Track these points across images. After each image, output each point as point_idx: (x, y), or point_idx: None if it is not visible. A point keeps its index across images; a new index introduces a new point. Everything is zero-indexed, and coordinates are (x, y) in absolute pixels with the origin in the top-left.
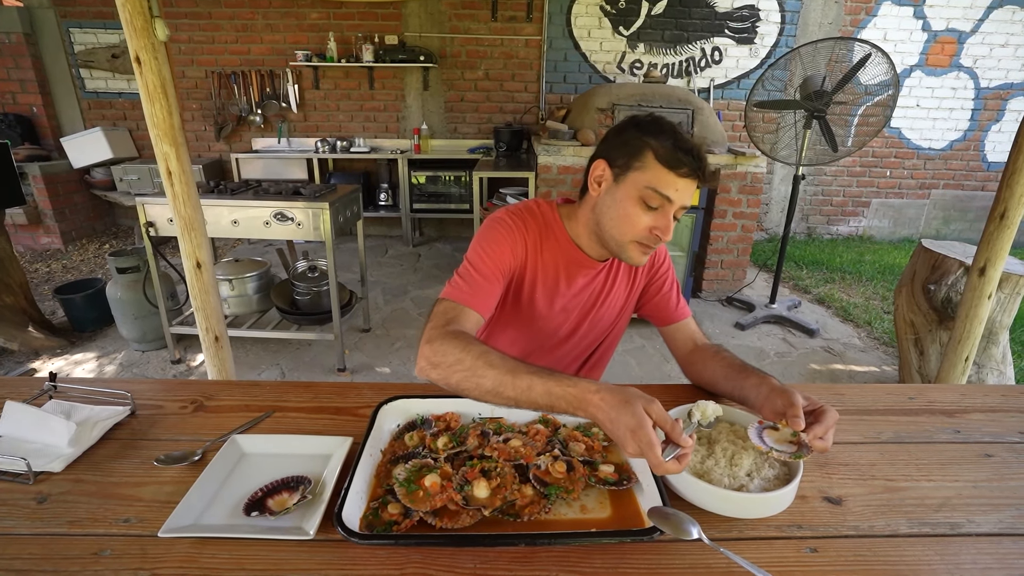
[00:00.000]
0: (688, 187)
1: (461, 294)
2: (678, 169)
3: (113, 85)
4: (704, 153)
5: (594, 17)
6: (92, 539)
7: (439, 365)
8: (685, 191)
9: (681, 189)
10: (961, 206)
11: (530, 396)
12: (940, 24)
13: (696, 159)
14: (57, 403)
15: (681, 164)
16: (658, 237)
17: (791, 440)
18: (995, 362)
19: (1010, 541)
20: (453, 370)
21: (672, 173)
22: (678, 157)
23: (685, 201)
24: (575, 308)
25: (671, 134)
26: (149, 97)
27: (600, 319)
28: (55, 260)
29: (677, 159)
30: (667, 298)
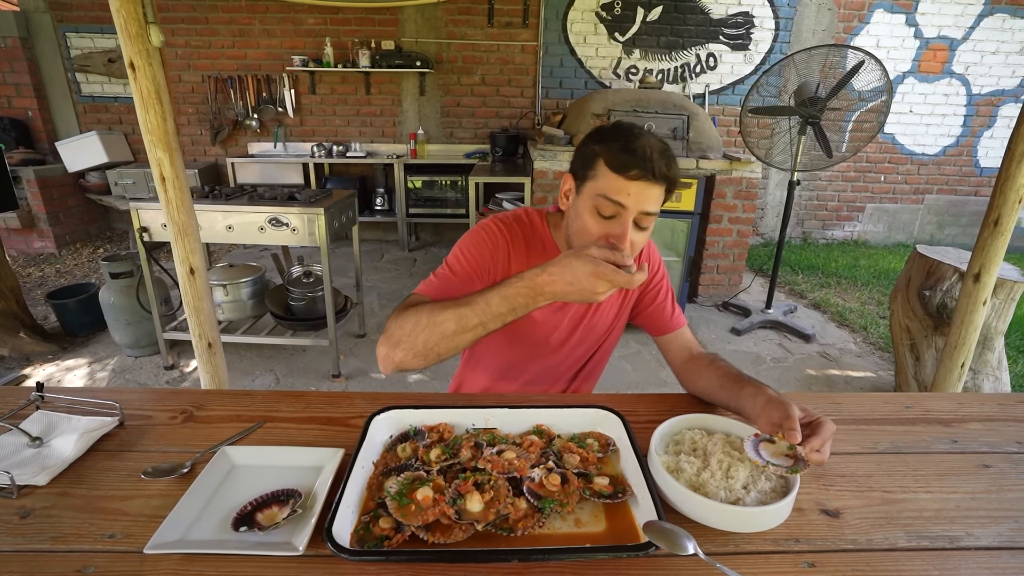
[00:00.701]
0: (643, 191)
1: (429, 288)
2: (627, 172)
3: (109, 89)
4: (658, 153)
5: (590, 23)
6: (76, 556)
7: (400, 341)
8: (640, 195)
9: (634, 194)
10: (955, 211)
11: (491, 311)
12: (932, 31)
13: (645, 160)
14: (43, 413)
15: (629, 167)
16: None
17: (787, 453)
18: (991, 368)
19: (1009, 555)
20: (415, 335)
21: (621, 178)
22: (625, 160)
23: (643, 206)
24: (565, 317)
25: (623, 137)
26: (143, 103)
27: (593, 328)
28: (48, 264)
29: (624, 162)
30: (662, 308)
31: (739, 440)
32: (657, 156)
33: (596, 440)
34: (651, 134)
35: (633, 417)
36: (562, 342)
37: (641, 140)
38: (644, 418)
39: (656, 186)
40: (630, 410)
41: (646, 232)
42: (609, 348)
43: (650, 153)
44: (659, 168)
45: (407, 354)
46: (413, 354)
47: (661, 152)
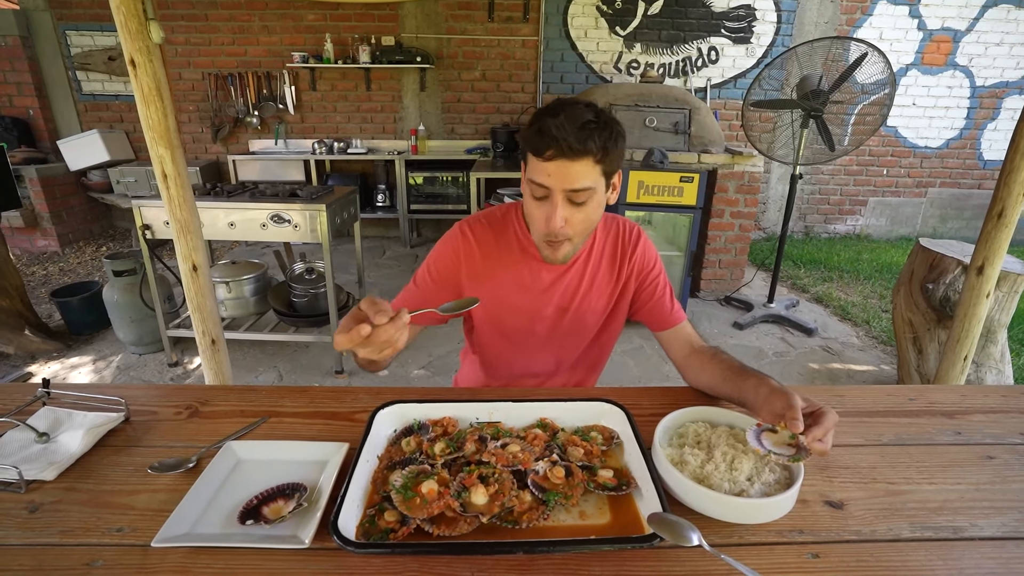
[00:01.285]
0: (562, 169)
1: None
2: (543, 154)
3: (110, 87)
4: (575, 127)
5: (591, 17)
6: (84, 549)
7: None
8: (560, 174)
9: (554, 174)
10: (958, 204)
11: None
12: (935, 23)
13: (556, 139)
14: (50, 409)
15: (542, 148)
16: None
17: (790, 443)
18: (994, 360)
19: (1013, 545)
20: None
21: (539, 160)
22: (537, 143)
23: (567, 184)
24: (547, 307)
25: (540, 118)
26: (144, 100)
27: (580, 318)
28: (52, 263)
29: (537, 145)
30: (660, 303)
31: (743, 432)
32: (571, 131)
33: (600, 433)
34: (579, 106)
35: (636, 410)
36: (549, 333)
37: (556, 118)
38: (647, 411)
39: (576, 162)
40: (633, 403)
41: (585, 207)
42: (607, 342)
43: (560, 131)
44: (572, 144)
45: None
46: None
47: (581, 126)
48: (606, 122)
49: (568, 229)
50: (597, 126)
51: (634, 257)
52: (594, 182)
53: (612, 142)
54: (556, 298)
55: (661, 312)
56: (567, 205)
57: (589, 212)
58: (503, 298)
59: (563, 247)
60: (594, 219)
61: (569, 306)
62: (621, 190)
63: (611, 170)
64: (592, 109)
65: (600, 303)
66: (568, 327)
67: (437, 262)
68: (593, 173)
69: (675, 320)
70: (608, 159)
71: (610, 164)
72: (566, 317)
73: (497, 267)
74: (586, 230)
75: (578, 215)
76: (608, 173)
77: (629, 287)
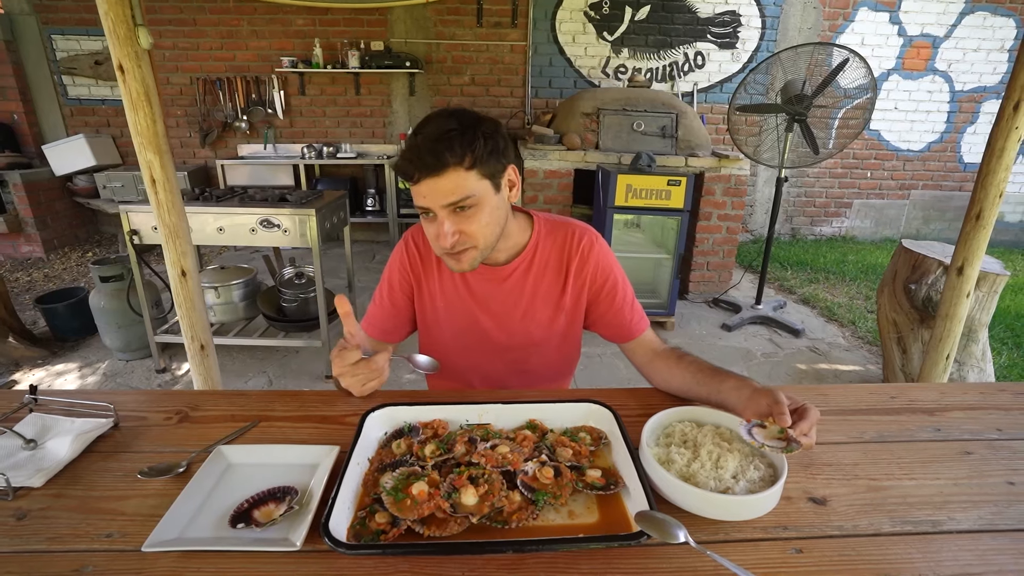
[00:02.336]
0: (431, 187)
1: (364, 323)
2: (411, 178)
3: (96, 92)
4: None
5: (578, 23)
6: (73, 555)
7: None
8: (431, 193)
9: (426, 194)
10: (940, 206)
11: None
12: (915, 29)
13: (413, 161)
14: (37, 416)
15: (408, 173)
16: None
17: (779, 436)
18: (975, 359)
19: (989, 537)
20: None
21: (411, 185)
22: (403, 170)
23: (441, 200)
24: (484, 316)
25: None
26: (132, 105)
27: (524, 328)
28: (36, 269)
29: (404, 172)
30: (619, 314)
31: (728, 431)
32: (427, 149)
33: (588, 434)
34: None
35: (624, 411)
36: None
37: (413, 141)
38: (635, 412)
39: (443, 176)
40: (621, 404)
41: (474, 214)
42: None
43: (417, 152)
44: (428, 161)
45: None
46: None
47: (437, 139)
48: (470, 125)
49: (465, 239)
50: (458, 133)
51: (585, 267)
52: (472, 190)
53: (480, 144)
54: (495, 307)
55: (620, 323)
56: (454, 218)
57: (483, 218)
58: (441, 305)
59: (466, 256)
60: (494, 223)
61: (512, 314)
62: (609, 193)
63: (493, 171)
64: (456, 116)
65: (545, 313)
66: (512, 337)
67: (390, 275)
68: (468, 181)
69: (636, 331)
70: (481, 162)
71: (488, 166)
72: (510, 326)
73: (436, 277)
74: (489, 235)
75: (471, 225)
76: (490, 175)
77: (581, 298)
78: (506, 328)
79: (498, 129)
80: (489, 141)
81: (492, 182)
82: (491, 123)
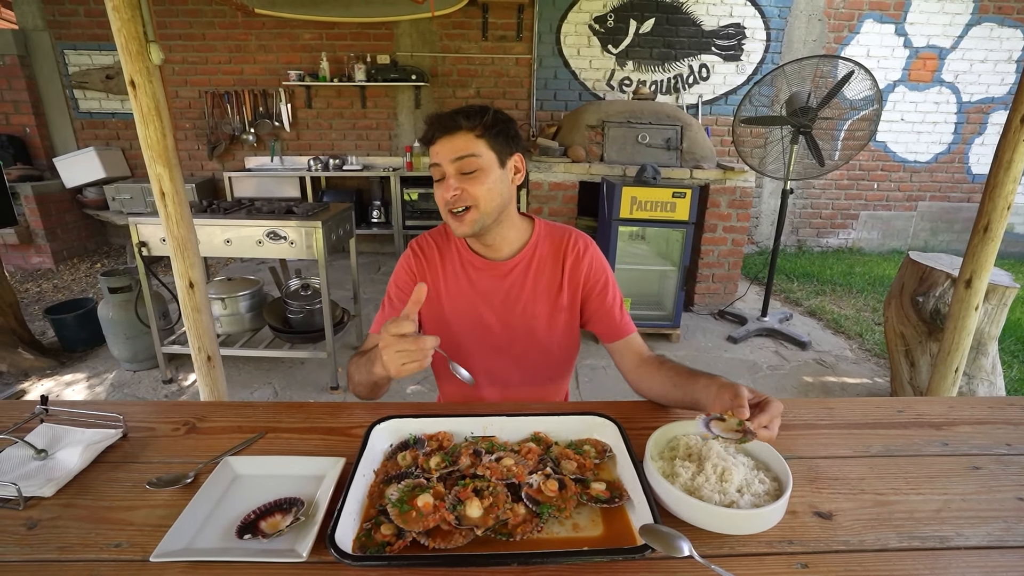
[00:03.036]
0: (445, 145)
1: (374, 325)
2: (430, 141)
3: (107, 105)
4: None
5: (583, 36)
6: (83, 565)
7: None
8: (444, 149)
9: (440, 151)
10: (948, 217)
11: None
12: (921, 41)
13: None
14: (48, 426)
15: (427, 135)
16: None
17: (737, 428)
18: (985, 372)
19: (998, 554)
20: (356, 380)
21: (429, 147)
22: (424, 133)
23: (451, 154)
24: (490, 312)
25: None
26: (143, 119)
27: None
28: (46, 280)
29: (425, 135)
30: (610, 312)
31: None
32: (447, 115)
33: (593, 446)
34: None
35: (629, 424)
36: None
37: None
38: (639, 425)
39: (457, 137)
40: (626, 417)
41: (477, 177)
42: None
43: (438, 117)
44: (446, 122)
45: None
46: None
47: (457, 110)
48: (487, 108)
49: (466, 196)
50: (476, 109)
51: (580, 265)
52: (478, 151)
53: (491, 122)
54: (497, 301)
55: (611, 321)
56: (460, 177)
57: (485, 182)
58: (449, 307)
59: (467, 217)
60: (495, 192)
61: (513, 309)
62: (614, 205)
63: (501, 148)
64: (479, 105)
65: (544, 308)
66: (513, 331)
67: (397, 281)
68: (476, 145)
69: (624, 331)
70: (491, 136)
71: (496, 141)
72: (512, 321)
73: (441, 278)
74: (490, 201)
75: (473, 185)
76: (497, 150)
77: (576, 295)
78: (508, 322)
79: (512, 121)
80: (500, 123)
81: (499, 157)
82: (507, 117)
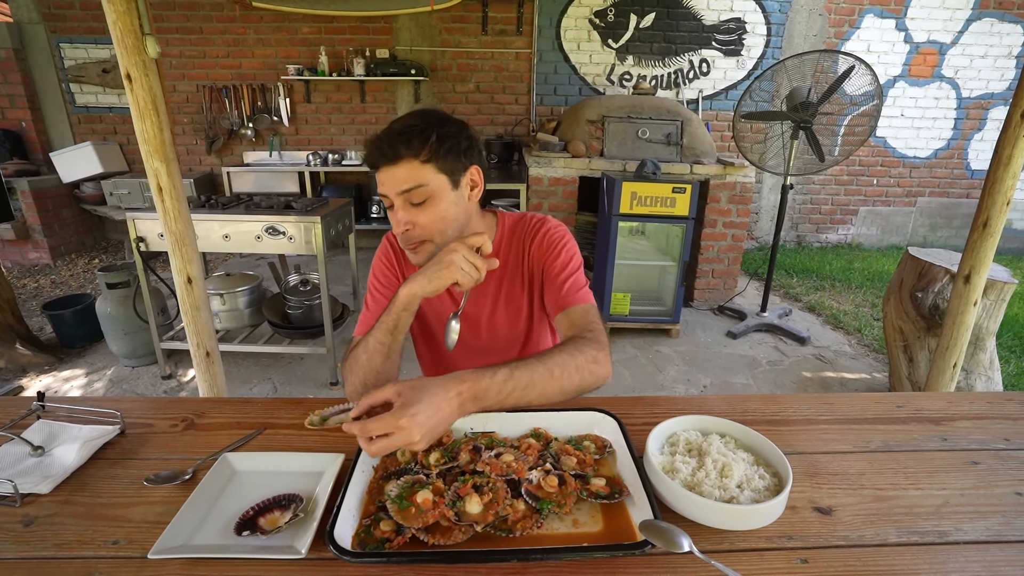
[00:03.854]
0: (388, 175)
1: (359, 330)
2: (372, 166)
3: (103, 100)
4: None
5: (583, 30)
6: (80, 562)
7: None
8: (388, 181)
9: (384, 181)
10: (947, 213)
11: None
12: (922, 36)
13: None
14: (45, 423)
15: (369, 161)
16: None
17: None
18: (983, 368)
19: (996, 548)
20: (363, 362)
21: (375, 172)
22: (366, 159)
23: (396, 187)
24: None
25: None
26: (140, 114)
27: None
28: (43, 275)
29: (367, 160)
30: (554, 281)
31: (734, 440)
32: (386, 139)
33: (593, 442)
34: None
35: (629, 420)
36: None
37: (378, 134)
38: (640, 420)
39: (400, 166)
40: (626, 413)
41: (428, 208)
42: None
43: (378, 142)
44: (386, 150)
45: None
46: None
47: (399, 132)
48: (433, 123)
49: (418, 231)
50: (419, 129)
51: (532, 245)
52: (425, 180)
53: (438, 141)
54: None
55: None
56: (408, 208)
57: (437, 211)
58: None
59: (422, 249)
60: (449, 218)
61: (490, 313)
62: (614, 201)
63: (452, 168)
64: (422, 115)
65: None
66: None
67: (377, 277)
68: (422, 173)
69: (565, 303)
70: (438, 158)
71: (445, 162)
72: (487, 324)
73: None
74: (444, 229)
75: (423, 216)
76: (448, 171)
77: (536, 278)
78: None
79: (463, 130)
80: (449, 139)
81: (450, 178)
82: (456, 123)
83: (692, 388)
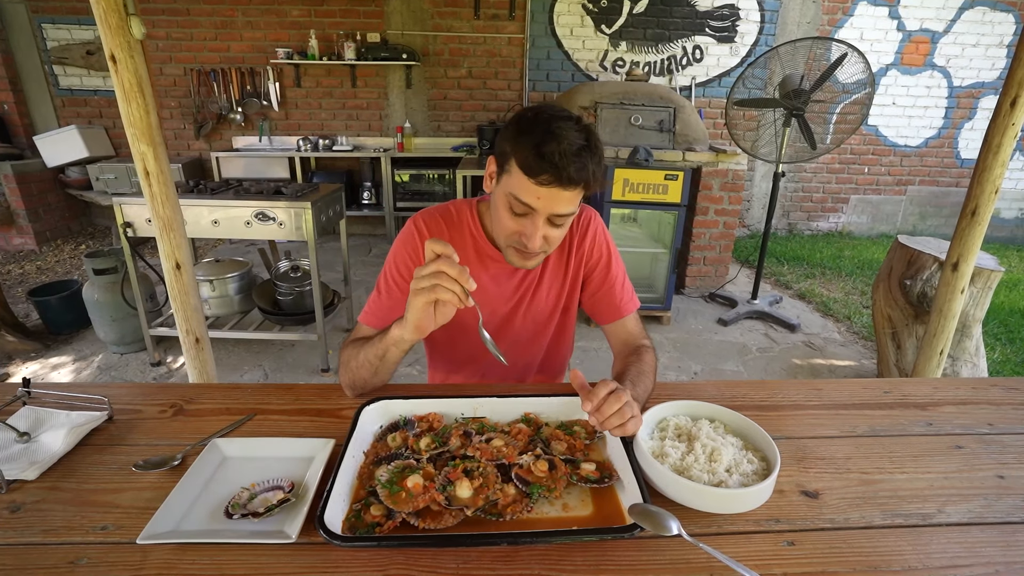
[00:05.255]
0: (553, 195)
1: (364, 316)
2: (537, 177)
3: (88, 82)
4: (573, 155)
5: (576, 15)
6: (68, 548)
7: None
8: (550, 200)
9: (544, 198)
10: (937, 202)
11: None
12: (914, 24)
13: (556, 166)
14: (31, 409)
15: (539, 172)
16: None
17: None
18: (969, 355)
19: (978, 530)
20: (353, 368)
21: (532, 182)
22: (535, 165)
23: (554, 209)
24: (502, 305)
25: (537, 136)
26: (125, 96)
27: (537, 314)
28: (29, 261)
29: (534, 167)
30: (610, 291)
31: (723, 425)
32: (570, 160)
33: (583, 427)
34: (572, 126)
35: None
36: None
37: (555, 143)
38: None
39: (568, 190)
40: None
41: (562, 228)
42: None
43: (562, 158)
44: (570, 174)
45: (354, 392)
46: (359, 382)
47: (576, 153)
48: (595, 146)
49: (545, 245)
50: (589, 152)
51: (583, 244)
52: (577, 206)
53: (600, 169)
54: (508, 295)
55: (610, 301)
56: (547, 225)
57: (562, 232)
58: None
59: (535, 257)
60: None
61: (521, 302)
62: (607, 188)
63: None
64: (583, 131)
65: (551, 299)
66: (521, 325)
67: (397, 263)
68: (578, 198)
69: (622, 311)
70: (591, 188)
71: (589, 191)
72: (519, 315)
73: None
74: (558, 243)
75: (555, 232)
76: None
77: (579, 275)
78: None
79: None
80: (603, 163)
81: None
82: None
83: (683, 375)
